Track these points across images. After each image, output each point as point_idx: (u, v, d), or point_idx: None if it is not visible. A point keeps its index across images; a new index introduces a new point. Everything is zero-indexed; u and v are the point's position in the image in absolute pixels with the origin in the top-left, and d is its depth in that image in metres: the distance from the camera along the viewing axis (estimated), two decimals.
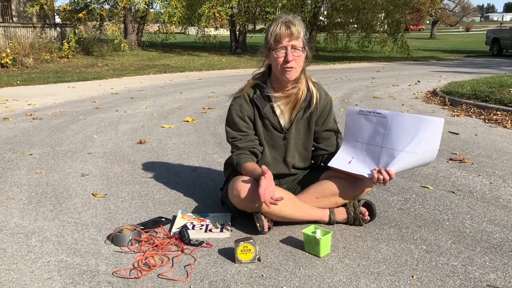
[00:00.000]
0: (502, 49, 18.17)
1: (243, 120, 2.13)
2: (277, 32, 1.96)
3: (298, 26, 1.97)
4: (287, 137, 2.16)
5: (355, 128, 2.08)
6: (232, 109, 2.15)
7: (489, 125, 4.65)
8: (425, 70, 11.76)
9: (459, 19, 52.04)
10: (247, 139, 2.12)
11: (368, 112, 2.05)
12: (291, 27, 1.95)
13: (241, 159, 2.09)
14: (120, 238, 1.94)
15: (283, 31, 1.95)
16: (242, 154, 2.11)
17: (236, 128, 2.13)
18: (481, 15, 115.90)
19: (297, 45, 1.97)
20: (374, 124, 2.02)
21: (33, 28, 14.03)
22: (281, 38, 1.96)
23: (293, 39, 1.96)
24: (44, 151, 3.61)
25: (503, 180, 2.82)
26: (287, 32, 1.95)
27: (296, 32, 1.96)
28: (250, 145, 2.12)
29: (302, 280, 1.66)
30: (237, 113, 2.13)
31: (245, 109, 2.13)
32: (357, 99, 6.58)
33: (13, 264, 1.79)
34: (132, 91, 7.82)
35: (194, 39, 19.50)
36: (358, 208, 2.10)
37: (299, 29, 1.97)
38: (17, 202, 2.48)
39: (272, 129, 2.15)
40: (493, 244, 1.94)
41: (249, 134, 2.13)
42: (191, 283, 1.64)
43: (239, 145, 2.12)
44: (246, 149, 2.11)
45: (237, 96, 2.16)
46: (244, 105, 2.13)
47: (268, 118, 2.13)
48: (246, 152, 2.11)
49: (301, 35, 1.99)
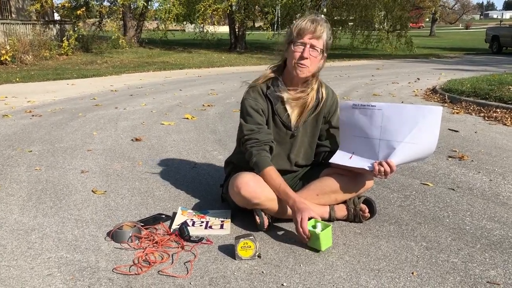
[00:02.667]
0: (501, 46, 18.16)
1: (258, 113, 2.08)
2: (301, 27, 1.97)
3: (323, 27, 1.98)
4: (295, 135, 2.16)
5: (350, 123, 2.06)
6: (246, 102, 2.10)
7: (489, 122, 4.65)
8: (425, 68, 11.76)
9: (458, 16, 52.02)
10: (265, 132, 2.07)
11: (362, 105, 2.03)
12: (316, 26, 1.96)
13: (262, 159, 2.01)
14: (120, 234, 1.94)
15: (307, 27, 1.96)
16: (262, 151, 2.03)
17: (252, 121, 2.07)
18: (480, 12, 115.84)
19: (317, 45, 1.97)
20: (369, 117, 1.99)
21: (33, 26, 14.00)
22: (304, 33, 1.97)
23: (315, 37, 1.97)
24: (44, 148, 3.61)
25: (503, 177, 2.82)
26: (311, 29, 1.95)
27: (319, 31, 1.96)
28: (269, 138, 2.07)
29: (302, 277, 1.66)
30: (252, 106, 2.09)
31: (260, 103, 2.10)
32: (357, 97, 6.58)
33: (13, 260, 1.79)
34: (132, 88, 7.81)
35: (192, 36, 19.47)
36: (358, 205, 2.10)
37: (323, 30, 1.97)
38: (17, 199, 2.48)
39: (281, 126, 2.14)
40: (493, 241, 1.94)
41: (264, 127, 2.09)
42: (192, 280, 1.64)
43: (258, 137, 2.05)
44: (266, 143, 2.05)
45: (251, 87, 2.14)
46: (259, 98, 2.10)
47: (279, 115, 2.12)
48: (266, 148, 2.05)
49: (324, 37, 1.99)
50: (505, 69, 10.57)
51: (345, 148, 2.10)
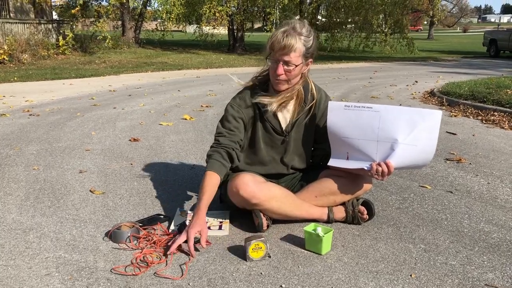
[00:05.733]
0: (499, 50, 18.22)
1: (235, 120, 2.10)
2: (272, 41, 1.93)
3: (294, 40, 1.89)
4: (286, 140, 2.16)
5: (341, 124, 1.99)
6: (229, 107, 2.13)
7: (487, 125, 4.67)
8: (423, 71, 11.79)
9: (456, 20, 52.20)
10: (231, 138, 2.07)
11: (356, 107, 1.98)
12: (286, 41, 1.88)
13: (211, 162, 2.00)
14: (119, 235, 1.94)
15: (277, 41, 1.90)
16: (216, 153, 2.02)
17: (227, 125, 2.10)
18: (478, 16, 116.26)
19: (290, 61, 1.92)
20: (365, 119, 1.95)
21: (30, 24, 13.96)
22: (275, 49, 1.92)
23: (285, 54, 1.91)
24: (42, 148, 3.60)
25: (500, 180, 2.83)
26: (281, 46, 1.90)
27: (289, 47, 1.89)
28: (230, 145, 2.05)
29: (301, 278, 1.66)
30: (232, 113, 2.11)
31: (242, 111, 2.10)
32: (355, 99, 6.59)
33: (11, 260, 1.78)
34: (130, 88, 7.80)
35: (192, 37, 19.47)
36: (357, 207, 2.10)
37: (293, 44, 1.89)
38: (14, 198, 2.47)
39: (272, 131, 2.14)
40: (491, 243, 1.95)
41: (235, 134, 2.09)
42: (190, 280, 1.64)
43: (220, 139, 2.06)
44: (224, 147, 2.03)
45: (238, 95, 2.15)
46: (242, 106, 2.11)
47: (269, 120, 2.12)
48: (221, 152, 2.02)
49: (298, 48, 1.92)
50: (503, 72, 10.62)
51: (338, 151, 2.05)
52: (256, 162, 2.20)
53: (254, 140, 2.16)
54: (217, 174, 1.98)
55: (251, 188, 1.95)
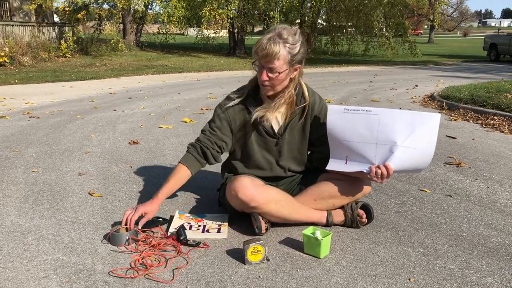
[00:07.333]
0: (499, 54, 18.25)
1: (220, 121, 2.13)
2: (257, 47, 1.92)
3: (278, 47, 1.87)
4: (279, 143, 2.16)
5: (340, 127, 1.99)
6: (218, 108, 2.17)
7: (487, 129, 4.67)
8: (423, 75, 11.80)
9: (457, 24, 52.29)
10: (210, 138, 2.12)
11: (355, 110, 1.98)
12: (269, 48, 1.87)
13: (186, 155, 2.13)
14: (117, 237, 1.94)
15: (261, 48, 1.89)
16: (193, 148, 2.14)
17: (210, 125, 2.16)
18: (479, 20, 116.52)
19: (274, 68, 1.91)
20: (364, 122, 1.95)
21: (31, 27, 13.99)
22: (259, 55, 1.92)
23: (268, 61, 1.90)
24: (41, 150, 3.60)
25: (500, 184, 2.83)
26: (264, 53, 1.89)
27: (272, 55, 1.87)
28: (207, 143, 2.12)
29: (299, 282, 1.66)
30: (219, 114, 2.14)
31: (229, 113, 2.12)
32: (355, 102, 6.59)
33: (9, 262, 1.78)
34: (130, 91, 7.81)
35: (194, 41, 19.49)
36: (356, 210, 2.10)
37: (276, 51, 1.87)
38: (13, 201, 2.47)
39: (265, 134, 2.14)
40: (490, 248, 1.94)
41: (216, 134, 2.13)
42: (188, 283, 1.64)
43: (200, 137, 2.15)
44: (201, 144, 2.12)
45: (229, 96, 2.17)
46: (230, 109, 2.13)
47: (261, 123, 2.12)
48: (197, 147, 2.13)
49: (283, 55, 1.89)
50: (503, 76, 10.62)
51: (337, 155, 2.05)
52: (253, 165, 2.20)
53: (248, 142, 2.16)
54: (187, 167, 2.10)
55: (250, 191, 1.95)
